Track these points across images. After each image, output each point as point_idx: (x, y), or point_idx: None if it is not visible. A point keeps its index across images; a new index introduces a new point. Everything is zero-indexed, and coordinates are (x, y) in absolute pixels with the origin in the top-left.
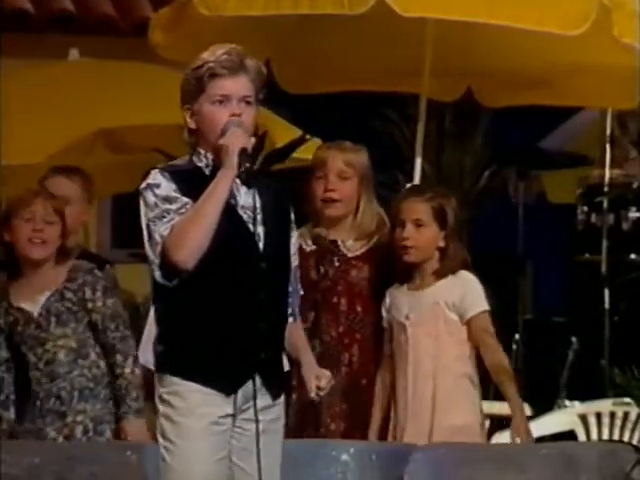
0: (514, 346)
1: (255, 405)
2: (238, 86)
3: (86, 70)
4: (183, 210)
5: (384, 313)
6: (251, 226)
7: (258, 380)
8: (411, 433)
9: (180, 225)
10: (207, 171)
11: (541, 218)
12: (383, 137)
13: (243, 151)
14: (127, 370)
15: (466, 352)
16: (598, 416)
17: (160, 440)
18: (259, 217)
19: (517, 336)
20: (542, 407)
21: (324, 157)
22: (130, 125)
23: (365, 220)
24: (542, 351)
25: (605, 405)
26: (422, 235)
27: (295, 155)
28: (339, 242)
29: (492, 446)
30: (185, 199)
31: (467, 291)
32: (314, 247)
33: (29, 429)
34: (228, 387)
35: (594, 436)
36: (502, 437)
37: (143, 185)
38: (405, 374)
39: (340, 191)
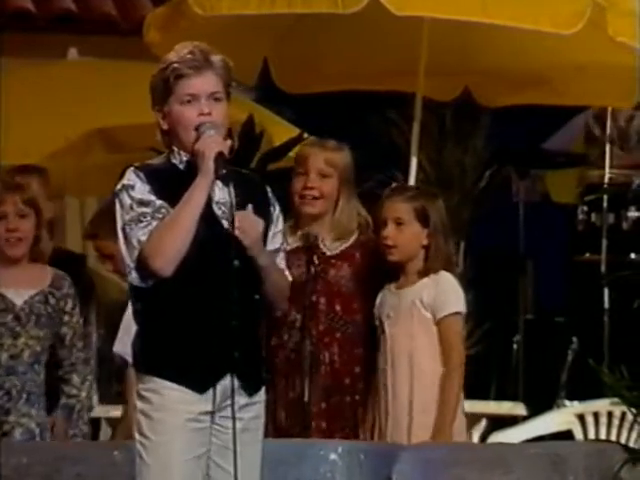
0: (515, 346)
1: (233, 405)
2: (205, 84)
3: (85, 69)
4: (159, 214)
5: (375, 312)
6: (225, 223)
7: (234, 380)
8: (390, 432)
9: (158, 232)
10: (182, 167)
11: (542, 218)
12: (382, 136)
13: (220, 155)
14: (83, 394)
15: None
16: (595, 416)
17: (137, 436)
18: (234, 213)
19: (518, 336)
20: (542, 407)
21: (306, 154)
22: (129, 124)
23: (343, 219)
24: (543, 351)
25: (602, 405)
26: (403, 234)
27: (292, 154)
28: (318, 240)
29: (480, 446)
30: (159, 202)
31: (441, 290)
32: (294, 245)
33: None
34: (200, 385)
35: (591, 436)
36: (499, 437)
37: (118, 186)
38: (385, 374)
39: (320, 189)
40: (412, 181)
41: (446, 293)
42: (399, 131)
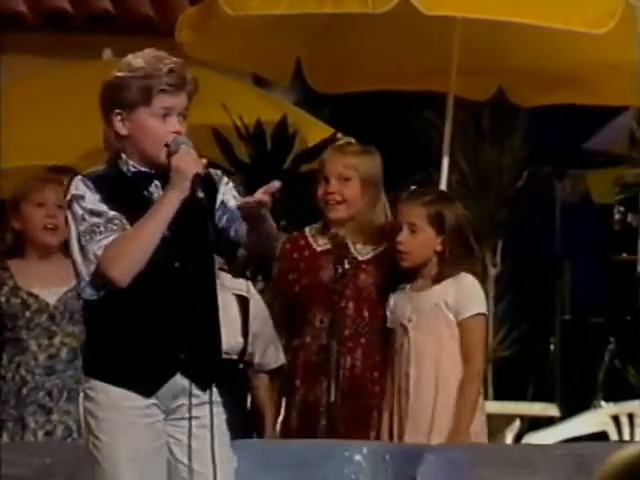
0: (552, 347)
1: (191, 404)
2: (180, 101)
3: None
4: (112, 225)
5: (388, 314)
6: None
7: (184, 380)
8: (411, 436)
9: (120, 243)
10: (130, 175)
11: (579, 218)
12: (420, 136)
13: (197, 177)
14: None
15: None
16: (630, 417)
17: (90, 438)
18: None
19: (555, 337)
20: (579, 408)
21: (325, 159)
22: None
23: (366, 223)
24: (580, 351)
25: (637, 406)
26: (416, 240)
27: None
28: (349, 244)
29: (504, 447)
30: (112, 213)
31: (464, 291)
32: (325, 247)
33: (7, 414)
34: (147, 389)
35: (626, 437)
36: (533, 438)
37: (68, 197)
38: (407, 377)
39: (340, 193)
40: (444, 182)
41: (468, 294)
42: (437, 131)
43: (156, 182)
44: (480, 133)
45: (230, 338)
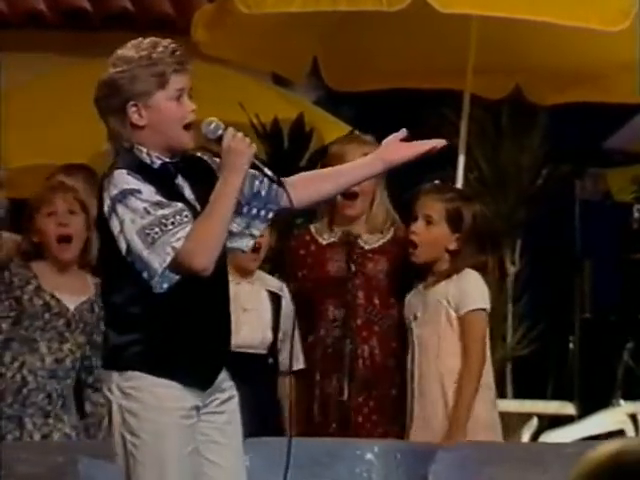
0: (571, 345)
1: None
2: (188, 79)
3: None
4: (181, 217)
5: (405, 312)
6: None
7: (221, 374)
8: (417, 434)
9: (198, 233)
10: (156, 167)
11: (599, 216)
12: (438, 135)
13: (255, 155)
14: None
15: None
16: None
17: (127, 436)
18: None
19: (574, 335)
20: (598, 406)
21: (343, 152)
22: None
23: (379, 213)
24: (599, 350)
25: None
26: (429, 232)
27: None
28: (358, 239)
29: (516, 445)
30: (179, 204)
31: (465, 287)
32: (330, 240)
33: (5, 411)
34: (205, 383)
35: None
36: (551, 436)
37: (116, 192)
38: (412, 375)
39: (360, 186)
40: (460, 180)
41: (469, 289)
42: (455, 129)
43: (179, 173)
44: (499, 132)
45: (260, 332)
